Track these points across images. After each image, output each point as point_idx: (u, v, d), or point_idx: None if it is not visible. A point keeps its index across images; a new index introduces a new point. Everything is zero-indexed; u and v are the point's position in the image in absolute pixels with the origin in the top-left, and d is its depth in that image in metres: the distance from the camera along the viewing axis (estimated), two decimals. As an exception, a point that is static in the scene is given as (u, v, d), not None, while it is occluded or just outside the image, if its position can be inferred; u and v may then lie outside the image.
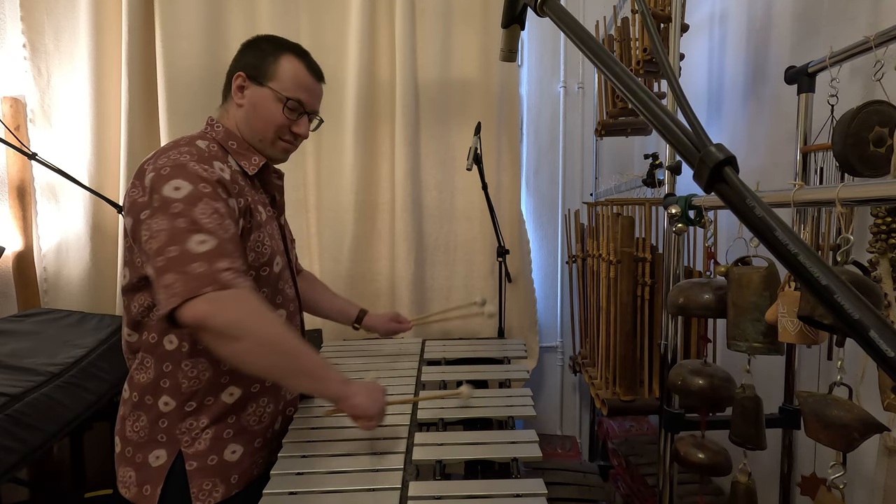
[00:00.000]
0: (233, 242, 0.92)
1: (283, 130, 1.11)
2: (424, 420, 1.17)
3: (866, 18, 1.24)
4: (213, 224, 0.89)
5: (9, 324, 1.75)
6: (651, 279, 1.72)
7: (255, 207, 1.05)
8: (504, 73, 2.20)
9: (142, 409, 1.01)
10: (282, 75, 1.08)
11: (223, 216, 0.91)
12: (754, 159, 1.68)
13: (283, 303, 1.12)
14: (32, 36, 2.01)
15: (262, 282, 1.06)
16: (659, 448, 1.38)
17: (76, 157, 2.06)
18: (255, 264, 1.03)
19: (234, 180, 1.00)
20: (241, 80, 1.08)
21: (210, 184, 0.93)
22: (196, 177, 0.92)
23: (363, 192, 2.18)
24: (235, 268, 0.89)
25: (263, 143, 1.11)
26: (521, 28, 0.67)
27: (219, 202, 0.92)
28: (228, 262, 0.88)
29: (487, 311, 1.62)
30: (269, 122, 1.09)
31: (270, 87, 1.08)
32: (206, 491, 1.00)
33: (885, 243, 0.86)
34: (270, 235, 1.08)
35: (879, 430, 0.79)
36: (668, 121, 0.42)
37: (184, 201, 0.89)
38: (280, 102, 1.08)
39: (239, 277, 0.89)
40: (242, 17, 2.12)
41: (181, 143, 1.01)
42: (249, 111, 1.09)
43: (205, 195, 0.91)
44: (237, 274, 0.88)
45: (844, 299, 0.32)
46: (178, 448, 0.99)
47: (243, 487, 1.05)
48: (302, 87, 1.10)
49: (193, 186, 0.91)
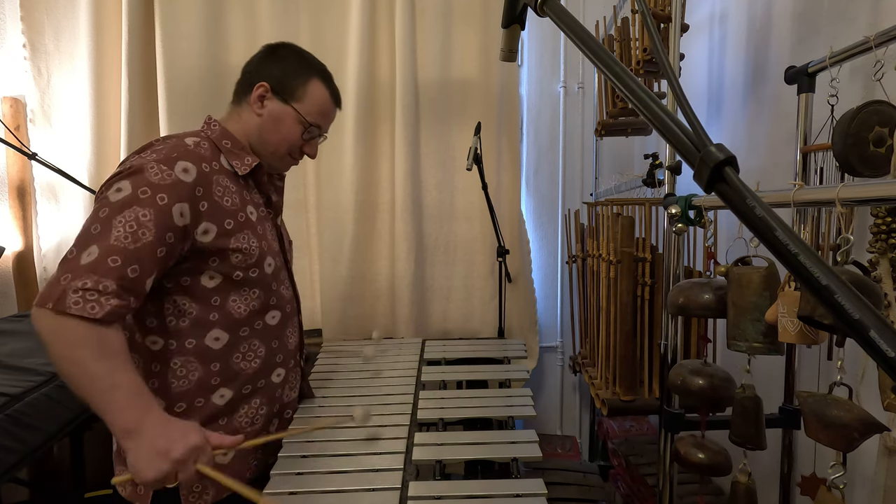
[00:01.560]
0: (134, 255, 0.87)
1: (295, 149, 1.12)
2: (424, 420, 1.17)
3: (866, 18, 1.24)
4: (119, 233, 0.86)
5: (9, 324, 1.75)
6: (651, 279, 1.72)
7: (243, 208, 1.03)
8: (504, 73, 2.20)
9: None
10: (308, 99, 1.09)
11: (142, 224, 0.88)
12: (754, 159, 1.68)
13: (277, 304, 1.10)
14: (32, 36, 2.01)
15: (252, 283, 1.04)
16: (659, 448, 1.38)
17: (76, 157, 2.06)
18: (241, 265, 1.01)
19: (207, 182, 0.97)
20: (263, 91, 1.07)
21: (153, 188, 0.90)
22: (143, 181, 0.90)
23: (363, 192, 2.18)
24: (98, 289, 0.83)
25: (273, 155, 1.11)
26: (522, 28, 0.67)
27: (149, 208, 0.89)
28: (94, 280, 0.82)
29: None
30: (285, 139, 1.10)
31: (295, 107, 1.09)
32: (196, 493, 1.00)
33: (885, 243, 0.86)
34: (261, 236, 1.06)
35: (879, 430, 0.79)
36: (668, 121, 0.42)
37: (112, 206, 0.88)
38: (301, 125, 1.10)
39: (89, 302, 0.82)
40: (242, 18, 2.12)
41: (169, 140, 1.00)
42: (267, 123, 1.08)
43: (136, 202, 0.88)
44: (93, 296, 0.82)
45: (844, 299, 0.32)
46: None
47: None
48: (323, 114, 1.13)
49: (132, 192, 0.89)
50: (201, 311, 0.99)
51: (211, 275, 0.99)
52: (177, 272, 0.97)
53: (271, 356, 1.10)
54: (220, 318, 1.01)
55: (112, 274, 0.84)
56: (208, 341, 1.00)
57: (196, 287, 0.98)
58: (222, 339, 1.02)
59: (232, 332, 1.03)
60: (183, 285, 0.98)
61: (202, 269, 0.98)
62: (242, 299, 1.03)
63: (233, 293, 1.02)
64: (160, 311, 0.98)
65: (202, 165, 0.97)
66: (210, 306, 1.00)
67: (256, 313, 1.06)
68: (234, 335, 1.03)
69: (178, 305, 0.98)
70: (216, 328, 1.01)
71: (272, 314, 1.10)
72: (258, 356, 1.07)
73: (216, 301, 1.00)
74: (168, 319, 0.98)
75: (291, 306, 1.17)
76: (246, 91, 1.10)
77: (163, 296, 0.98)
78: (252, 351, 1.06)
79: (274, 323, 1.10)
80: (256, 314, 1.06)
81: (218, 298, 1.00)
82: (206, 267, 0.98)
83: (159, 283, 0.95)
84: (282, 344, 1.13)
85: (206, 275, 0.99)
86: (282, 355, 1.13)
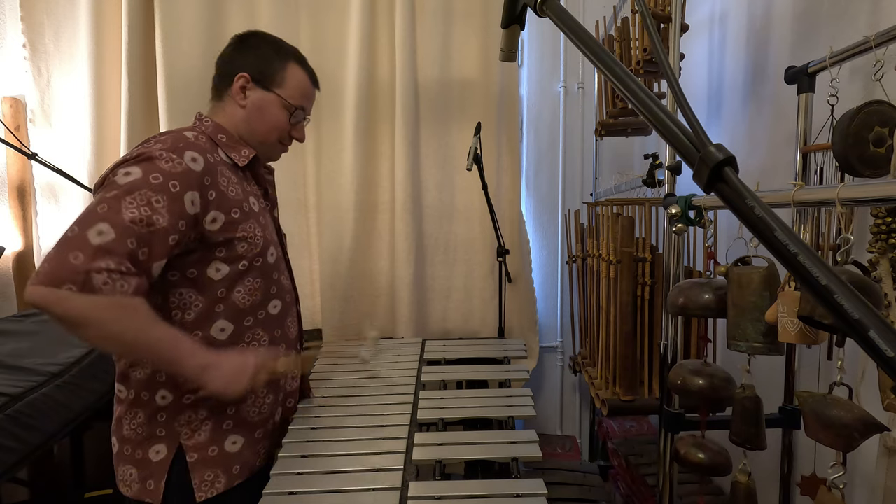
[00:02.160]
0: (147, 238, 0.88)
1: (284, 135, 1.14)
2: (424, 420, 1.17)
3: (866, 18, 1.24)
4: (134, 215, 0.86)
5: (9, 324, 1.75)
6: (651, 279, 1.72)
7: (246, 198, 1.05)
8: (504, 73, 2.20)
9: (139, 406, 1.01)
10: (289, 84, 1.11)
11: (155, 210, 0.89)
12: (754, 159, 1.68)
13: (278, 293, 1.12)
14: (32, 36, 2.00)
15: (256, 272, 1.06)
16: (659, 448, 1.38)
17: (76, 157, 2.06)
18: (247, 255, 1.03)
19: (213, 171, 0.98)
20: (244, 82, 1.09)
21: (165, 175, 0.91)
22: (154, 167, 0.91)
23: (363, 192, 2.18)
24: (122, 270, 0.85)
25: (264, 144, 1.13)
26: (521, 28, 0.67)
27: (161, 194, 0.89)
28: (116, 261, 0.84)
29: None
30: (273, 126, 1.12)
31: (277, 93, 1.10)
32: (208, 482, 1.01)
33: (885, 243, 0.86)
34: (264, 226, 1.08)
35: (879, 430, 0.79)
36: (667, 121, 0.42)
37: (122, 187, 0.88)
38: (286, 110, 1.12)
39: (118, 281, 0.84)
40: (242, 17, 2.12)
41: (169, 133, 1.01)
42: (252, 113, 1.10)
43: (148, 186, 0.89)
44: (119, 276, 0.84)
45: (844, 299, 0.32)
46: (177, 441, 1.00)
47: (246, 478, 1.06)
48: (305, 96, 1.15)
49: (143, 176, 0.90)
50: (207, 303, 1.01)
51: (217, 266, 1.00)
52: (184, 264, 0.98)
53: (274, 345, 1.12)
54: (224, 310, 1.03)
55: (129, 255, 0.86)
56: (214, 332, 1.02)
57: (202, 279, 1.00)
58: (227, 329, 1.03)
59: (237, 322, 1.04)
60: (189, 278, 0.99)
61: (209, 259, 0.99)
62: (247, 290, 1.05)
63: (237, 284, 1.03)
64: (166, 304, 0.99)
65: (207, 156, 0.99)
66: (216, 298, 1.01)
67: (259, 303, 1.08)
68: (239, 325, 1.05)
69: (185, 298, 0.99)
70: (221, 319, 1.03)
71: (274, 303, 1.12)
72: (262, 345, 1.09)
73: (222, 293, 1.02)
74: (174, 313, 1.00)
75: (291, 296, 1.19)
76: (225, 84, 1.11)
77: (169, 289, 0.99)
78: (256, 340, 1.08)
79: (276, 312, 1.12)
80: (259, 304, 1.08)
81: (224, 290, 1.02)
82: (213, 258, 0.99)
83: (165, 277, 0.97)
84: (283, 333, 1.15)
85: (213, 266, 1.00)
86: (284, 344, 1.15)
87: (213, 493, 1.01)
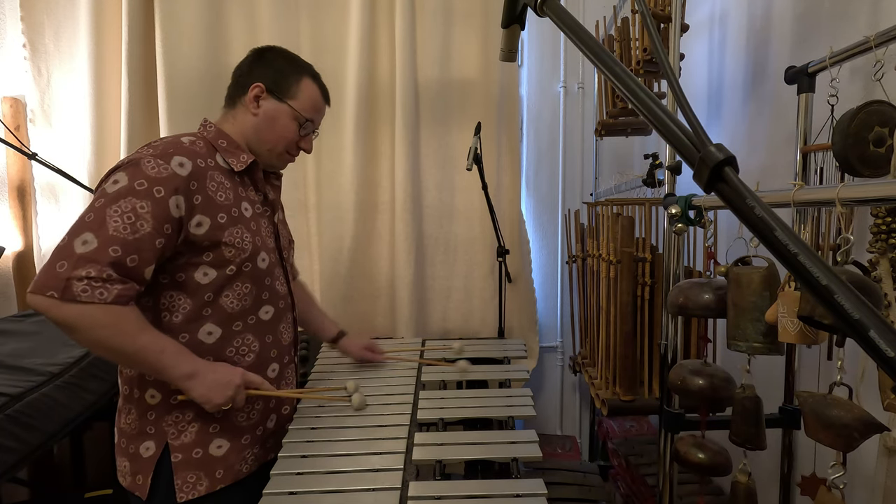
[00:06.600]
0: (133, 245, 0.90)
1: (292, 145, 1.16)
2: (424, 420, 1.17)
3: (866, 18, 1.24)
4: (118, 224, 0.89)
5: (9, 324, 1.75)
6: (651, 279, 1.72)
7: (237, 204, 1.06)
8: (504, 73, 2.20)
9: (132, 402, 1.03)
10: (301, 96, 1.14)
11: (140, 216, 0.91)
12: (754, 159, 1.68)
13: (270, 299, 1.13)
14: (32, 36, 2.01)
15: (246, 277, 1.06)
16: (659, 448, 1.38)
17: (76, 157, 2.06)
18: (234, 259, 1.03)
19: (202, 176, 1.00)
20: (258, 91, 1.11)
21: (150, 181, 0.93)
22: (139, 174, 0.93)
23: (363, 192, 2.18)
24: (103, 277, 0.87)
25: (271, 153, 1.14)
26: (521, 28, 0.67)
27: (146, 200, 0.92)
28: (97, 269, 0.87)
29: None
30: (282, 136, 1.13)
31: (290, 104, 1.13)
32: (191, 483, 1.02)
33: (885, 243, 0.86)
34: (255, 232, 1.08)
35: (879, 430, 0.79)
36: (668, 121, 0.42)
37: (109, 196, 0.91)
38: (296, 121, 1.14)
39: (98, 289, 0.87)
40: (242, 18, 2.12)
41: (165, 138, 1.04)
42: (263, 122, 1.12)
43: (133, 193, 0.91)
44: (99, 284, 0.87)
45: (844, 299, 0.32)
46: (165, 440, 1.02)
47: (230, 483, 1.06)
48: (316, 110, 1.17)
49: (128, 183, 0.92)
50: (194, 306, 1.01)
51: (205, 270, 1.01)
52: (172, 268, 0.99)
53: (265, 351, 1.12)
54: (212, 313, 1.03)
55: (112, 263, 0.88)
56: (201, 336, 1.03)
57: (190, 282, 1.00)
58: (215, 333, 1.04)
59: (225, 326, 1.05)
60: (178, 281, 1.00)
61: (197, 263, 1.00)
62: (235, 294, 1.05)
63: (226, 288, 1.04)
64: (156, 306, 1.00)
65: (197, 161, 1.00)
66: (203, 302, 1.02)
67: (249, 308, 1.08)
68: (227, 330, 1.05)
69: (173, 300, 1.00)
70: (209, 322, 1.03)
71: (265, 309, 1.12)
72: (252, 351, 1.09)
73: (209, 297, 1.02)
74: (162, 314, 1.01)
75: (285, 302, 1.19)
76: (240, 93, 1.13)
77: (158, 291, 1.00)
78: (245, 345, 1.08)
79: (267, 318, 1.12)
80: (250, 309, 1.08)
81: (211, 294, 1.02)
82: (201, 262, 1.00)
83: (155, 279, 0.98)
84: (276, 339, 1.15)
85: (201, 270, 1.01)
86: (276, 350, 1.15)
87: (193, 496, 1.01)
